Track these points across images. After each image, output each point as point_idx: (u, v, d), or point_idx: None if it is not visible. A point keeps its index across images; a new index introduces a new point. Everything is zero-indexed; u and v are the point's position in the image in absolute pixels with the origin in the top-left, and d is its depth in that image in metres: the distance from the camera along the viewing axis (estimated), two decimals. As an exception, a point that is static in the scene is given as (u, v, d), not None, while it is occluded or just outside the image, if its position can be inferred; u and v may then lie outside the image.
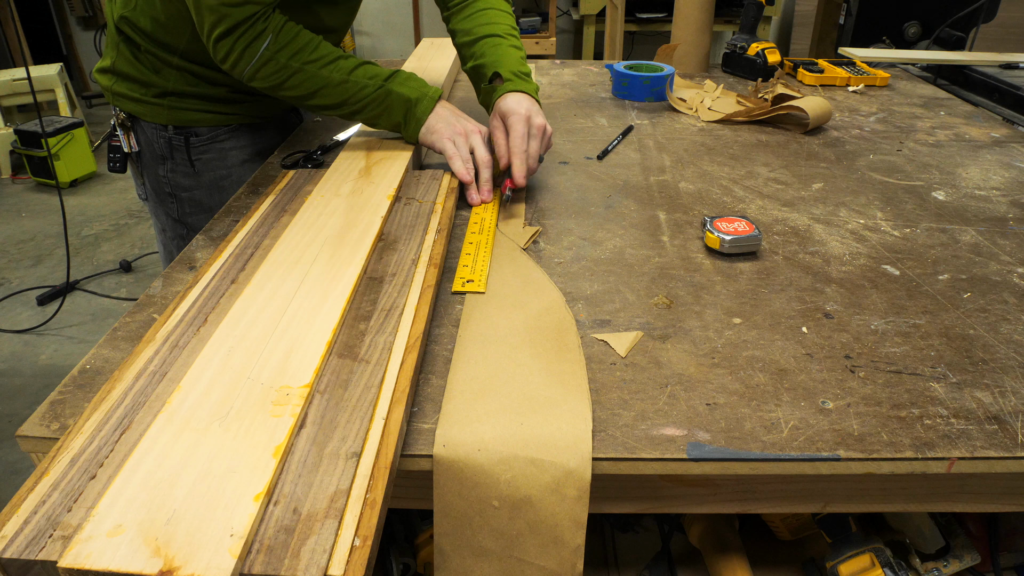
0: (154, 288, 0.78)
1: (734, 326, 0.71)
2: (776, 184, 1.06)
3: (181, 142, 1.10)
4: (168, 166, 1.12)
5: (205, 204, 1.15)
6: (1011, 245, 0.88)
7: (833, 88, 1.58)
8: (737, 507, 0.62)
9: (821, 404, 0.61)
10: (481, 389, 0.61)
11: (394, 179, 0.93)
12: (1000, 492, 0.61)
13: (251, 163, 1.17)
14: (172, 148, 1.11)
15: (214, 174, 1.14)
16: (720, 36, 4.21)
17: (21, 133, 3.29)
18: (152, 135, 1.11)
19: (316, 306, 0.66)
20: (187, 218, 1.16)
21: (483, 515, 0.56)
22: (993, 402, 0.61)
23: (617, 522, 0.85)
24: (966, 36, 1.91)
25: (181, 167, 1.12)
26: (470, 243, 0.85)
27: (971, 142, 1.25)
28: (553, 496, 0.55)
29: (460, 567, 0.58)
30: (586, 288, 0.78)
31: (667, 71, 1.48)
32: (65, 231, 2.40)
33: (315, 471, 0.49)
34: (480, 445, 0.55)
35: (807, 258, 0.84)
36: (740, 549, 0.75)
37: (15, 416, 1.97)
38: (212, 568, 0.41)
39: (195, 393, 0.54)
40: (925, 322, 0.72)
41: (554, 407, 0.59)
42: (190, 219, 1.16)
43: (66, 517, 0.45)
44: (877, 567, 0.71)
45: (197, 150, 1.11)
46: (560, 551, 0.56)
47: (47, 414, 0.59)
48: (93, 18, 4.77)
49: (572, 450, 0.55)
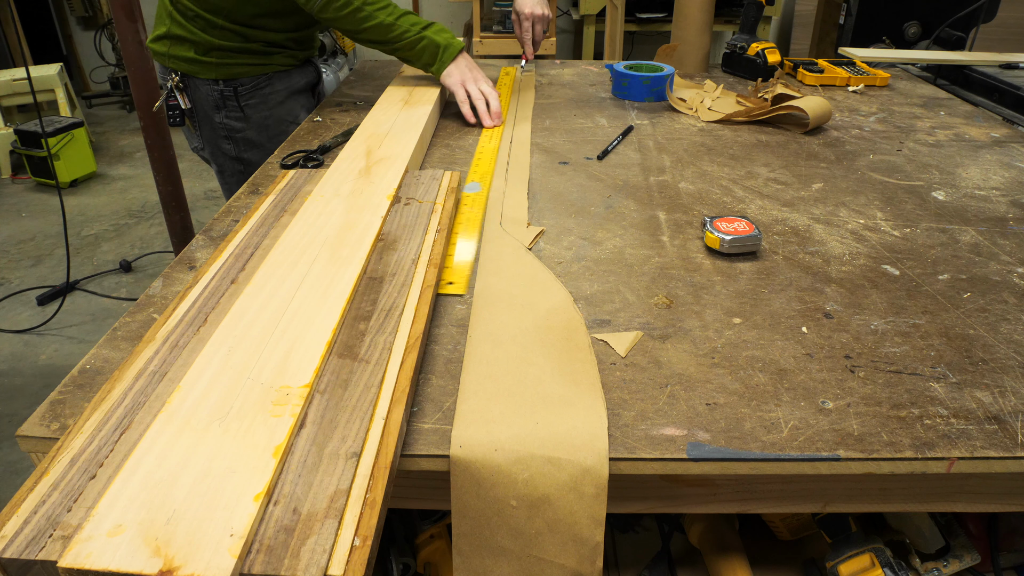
0: (154, 288, 0.78)
1: (734, 326, 0.71)
2: (776, 184, 1.06)
3: (231, 92, 1.37)
4: (223, 114, 1.39)
5: (255, 141, 1.42)
6: (1011, 245, 0.88)
7: (833, 88, 1.58)
8: (737, 507, 0.62)
9: (821, 404, 0.61)
10: (495, 389, 0.61)
11: (394, 179, 0.93)
12: (1000, 492, 0.61)
13: (286, 103, 1.43)
14: (224, 98, 1.37)
15: (260, 115, 1.40)
16: (720, 36, 4.21)
17: (21, 133, 3.29)
18: (206, 91, 1.37)
19: (316, 306, 0.66)
20: (243, 154, 1.43)
21: (501, 515, 0.56)
22: (993, 402, 0.61)
23: (617, 522, 0.85)
24: (966, 36, 1.91)
25: (233, 113, 1.39)
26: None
27: (971, 142, 1.24)
28: (571, 494, 0.55)
29: (479, 567, 0.58)
30: (586, 288, 0.78)
31: (667, 71, 1.48)
32: (65, 231, 2.40)
33: (315, 471, 0.49)
34: (496, 445, 0.55)
35: (807, 258, 0.84)
36: (740, 549, 0.75)
37: (15, 416, 1.97)
38: (212, 568, 0.41)
39: (195, 393, 0.54)
40: (925, 322, 0.72)
41: (568, 406, 0.59)
42: (245, 155, 1.43)
43: (66, 517, 0.45)
44: (877, 567, 0.71)
45: (244, 97, 1.38)
46: (580, 549, 0.56)
47: (47, 414, 0.59)
48: (93, 18, 4.76)
49: (588, 448, 0.55)
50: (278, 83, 1.41)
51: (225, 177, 1.48)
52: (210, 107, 1.38)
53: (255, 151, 1.42)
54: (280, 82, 1.42)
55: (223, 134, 1.41)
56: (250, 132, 1.41)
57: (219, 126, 1.40)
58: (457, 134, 1.27)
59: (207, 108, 1.38)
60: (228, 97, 1.37)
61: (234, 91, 1.36)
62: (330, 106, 1.46)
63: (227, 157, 1.44)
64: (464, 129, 1.29)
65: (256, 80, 1.38)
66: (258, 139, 1.42)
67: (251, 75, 1.37)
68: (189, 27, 1.30)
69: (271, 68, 1.39)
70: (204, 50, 1.32)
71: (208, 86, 1.36)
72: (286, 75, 1.43)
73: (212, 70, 1.34)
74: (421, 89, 1.36)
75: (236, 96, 1.37)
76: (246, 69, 1.36)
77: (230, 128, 1.40)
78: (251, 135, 1.42)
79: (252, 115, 1.40)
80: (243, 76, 1.36)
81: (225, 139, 1.41)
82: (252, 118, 1.40)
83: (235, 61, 1.35)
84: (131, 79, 1.95)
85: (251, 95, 1.38)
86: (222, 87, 1.36)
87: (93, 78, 4.92)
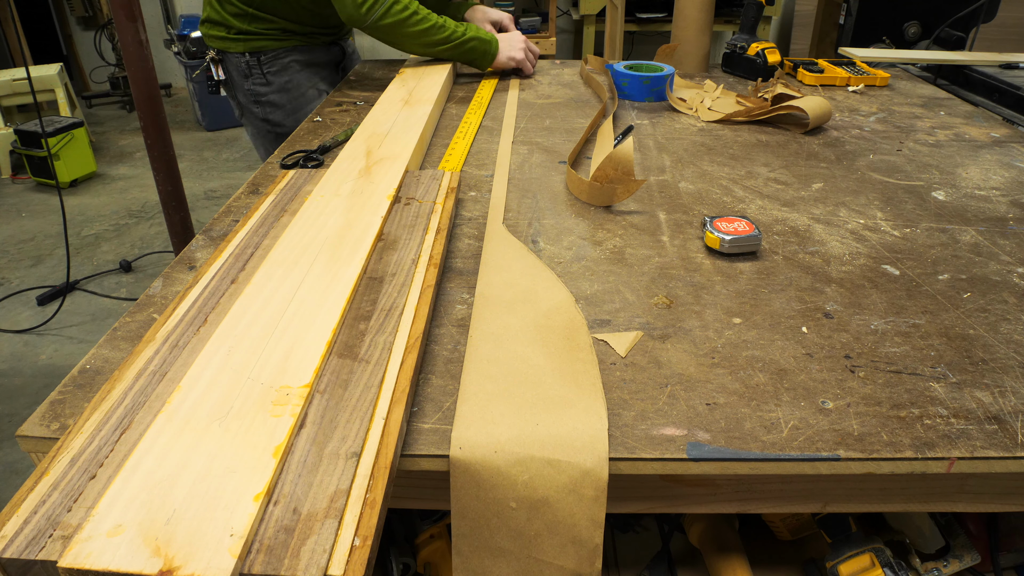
0: (154, 288, 0.78)
1: (734, 326, 0.71)
2: (776, 184, 1.06)
3: (256, 61, 1.63)
4: (251, 81, 1.65)
5: (278, 103, 1.67)
6: (1011, 245, 0.88)
7: (833, 88, 1.58)
8: (737, 507, 0.62)
9: (821, 404, 0.61)
10: (495, 390, 0.61)
11: (394, 179, 0.93)
12: (1000, 492, 0.61)
13: (304, 71, 1.67)
14: (250, 67, 1.63)
15: (281, 80, 1.66)
16: (720, 36, 4.21)
17: (21, 133, 3.29)
18: (236, 62, 1.64)
19: (316, 306, 0.66)
20: (269, 116, 1.69)
21: (500, 516, 0.56)
22: (993, 402, 0.61)
23: (617, 522, 0.85)
24: (966, 36, 1.91)
25: (259, 79, 1.65)
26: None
27: (971, 142, 1.24)
28: (571, 496, 0.55)
29: (479, 567, 0.58)
30: (586, 288, 0.78)
31: (667, 71, 1.48)
32: (65, 231, 2.40)
33: (315, 471, 0.49)
34: (496, 447, 0.55)
35: (807, 258, 0.84)
36: (740, 549, 0.75)
37: (15, 416, 1.97)
38: (212, 568, 0.41)
39: (195, 393, 0.54)
40: (925, 322, 0.72)
41: (569, 407, 0.59)
42: (271, 116, 1.69)
43: (66, 517, 0.45)
44: (877, 567, 0.71)
45: (267, 66, 1.64)
46: (579, 551, 0.56)
47: (47, 414, 0.59)
48: (93, 18, 4.76)
49: (588, 450, 0.55)
50: (295, 55, 1.65)
51: (259, 137, 1.76)
52: (240, 76, 1.65)
53: (279, 112, 1.68)
54: (296, 55, 1.65)
55: (252, 99, 1.68)
56: (273, 96, 1.66)
57: (248, 92, 1.67)
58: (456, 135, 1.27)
59: (238, 77, 1.66)
60: (253, 66, 1.63)
61: (258, 61, 1.62)
62: (330, 106, 1.46)
63: (256, 118, 1.71)
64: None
65: (276, 52, 1.63)
66: (280, 101, 1.67)
67: (271, 49, 1.62)
68: (223, 14, 1.58)
69: (288, 44, 1.63)
70: (234, 32, 1.59)
71: (238, 58, 1.62)
72: (306, 49, 1.67)
73: (240, 45, 1.61)
74: (421, 89, 1.36)
75: (260, 65, 1.63)
76: (267, 44, 1.61)
77: (257, 93, 1.66)
78: (274, 98, 1.67)
79: (274, 80, 1.65)
80: (265, 50, 1.61)
81: (254, 103, 1.68)
82: (274, 83, 1.65)
83: (259, 38, 1.60)
84: (131, 79, 1.95)
85: (271, 63, 1.63)
86: (248, 58, 1.62)
87: (93, 78, 4.92)
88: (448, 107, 1.43)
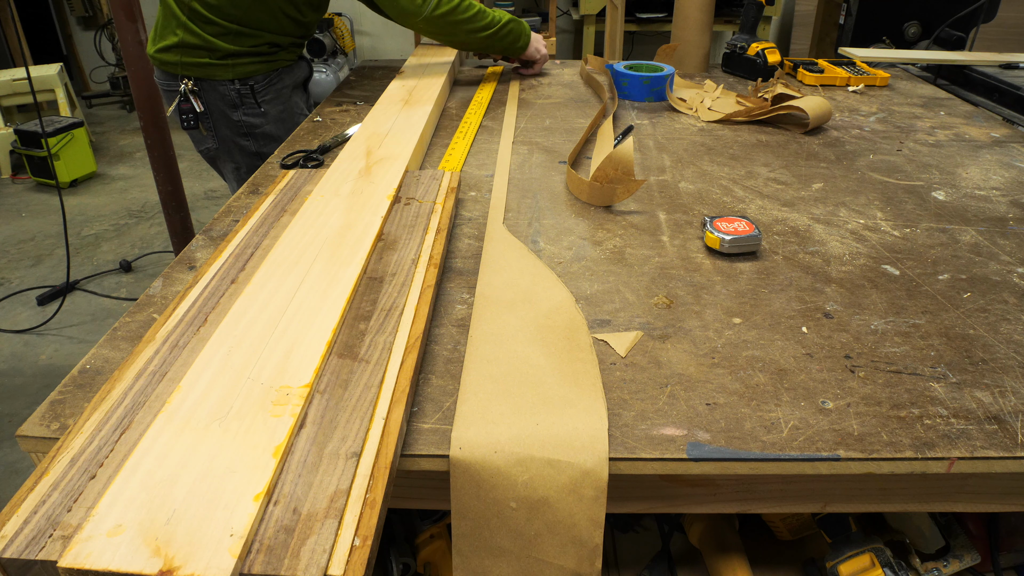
0: (154, 288, 0.78)
1: (734, 326, 0.71)
2: (776, 184, 1.06)
3: (248, 90, 1.43)
4: (240, 112, 1.44)
5: (273, 135, 1.48)
6: (1011, 245, 0.88)
7: (833, 88, 1.58)
8: (737, 507, 0.62)
9: (821, 404, 0.61)
10: (495, 390, 0.61)
11: (394, 179, 0.93)
12: (1000, 492, 0.61)
13: (292, 97, 1.51)
14: (241, 96, 1.43)
15: (276, 110, 1.48)
16: (720, 36, 4.21)
17: (21, 133, 3.29)
18: (222, 91, 1.42)
19: (316, 306, 0.66)
20: (262, 149, 1.49)
21: (500, 516, 0.56)
22: (993, 402, 0.61)
23: (617, 522, 0.85)
24: (966, 36, 1.91)
25: (251, 110, 1.45)
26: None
27: (971, 142, 1.24)
28: (571, 497, 0.55)
29: (479, 567, 0.58)
30: (586, 288, 0.78)
31: (667, 71, 1.48)
32: (65, 231, 2.40)
33: (315, 471, 0.49)
34: (496, 447, 0.55)
35: (807, 258, 0.84)
36: (740, 549, 0.75)
37: (15, 416, 1.97)
38: (212, 568, 0.41)
39: (195, 393, 0.54)
40: (925, 322, 0.72)
41: (569, 407, 0.59)
42: (264, 150, 1.48)
43: (66, 517, 0.45)
44: (877, 567, 0.71)
45: (260, 94, 1.45)
46: (579, 551, 0.56)
47: (47, 414, 0.59)
48: (93, 18, 4.76)
49: (589, 450, 0.55)
50: (287, 77, 1.49)
51: (241, 174, 1.54)
52: (227, 106, 1.44)
53: (273, 144, 1.48)
54: (288, 76, 1.50)
55: (242, 131, 1.47)
56: (268, 127, 1.48)
57: (237, 124, 1.46)
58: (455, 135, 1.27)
59: (224, 108, 1.44)
60: (245, 95, 1.43)
61: (251, 89, 1.43)
62: (330, 106, 1.46)
63: (246, 154, 1.50)
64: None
65: (268, 76, 1.45)
66: (276, 132, 1.49)
67: (262, 72, 1.44)
68: (205, 36, 1.36)
69: (276, 65, 1.47)
70: (220, 55, 1.38)
71: (225, 87, 1.42)
72: (290, 70, 1.51)
73: (228, 71, 1.40)
74: (421, 89, 1.36)
75: (253, 93, 1.44)
76: (257, 67, 1.43)
77: (249, 125, 1.46)
78: (269, 129, 1.48)
79: (269, 110, 1.47)
80: (255, 74, 1.43)
81: (244, 136, 1.47)
82: (269, 113, 1.47)
83: (246, 62, 1.41)
84: (131, 79, 1.95)
85: (266, 91, 1.45)
86: (238, 86, 1.42)
87: (93, 78, 4.92)
88: (448, 107, 1.43)
